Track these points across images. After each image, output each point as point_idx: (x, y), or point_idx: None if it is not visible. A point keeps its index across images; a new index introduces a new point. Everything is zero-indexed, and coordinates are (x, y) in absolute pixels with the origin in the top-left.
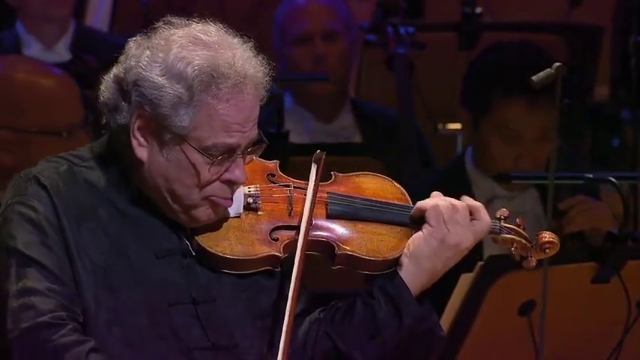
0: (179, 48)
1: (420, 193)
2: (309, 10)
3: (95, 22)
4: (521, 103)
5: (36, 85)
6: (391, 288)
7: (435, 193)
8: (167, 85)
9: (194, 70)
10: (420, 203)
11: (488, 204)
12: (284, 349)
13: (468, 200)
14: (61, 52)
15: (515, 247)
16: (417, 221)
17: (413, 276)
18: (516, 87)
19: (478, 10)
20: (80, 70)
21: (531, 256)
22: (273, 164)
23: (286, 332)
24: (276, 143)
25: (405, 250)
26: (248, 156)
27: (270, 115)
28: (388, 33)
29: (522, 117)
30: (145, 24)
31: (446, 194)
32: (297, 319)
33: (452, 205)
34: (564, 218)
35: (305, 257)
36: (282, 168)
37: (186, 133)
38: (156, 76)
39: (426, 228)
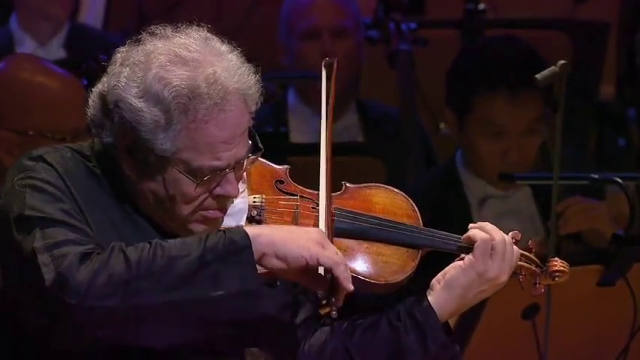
0: (158, 68)
1: (412, 196)
2: (317, 5)
3: (89, 19)
4: (503, 97)
5: (41, 86)
6: (419, 313)
7: (483, 224)
8: (145, 109)
9: (171, 93)
10: (472, 233)
11: (482, 205)
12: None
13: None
14: (54, 49)
15: (524, 275)
16: (463, 249)
17: (443, 303)
18: (497, 82)
19: (481, 6)
20: (92, 68)
21: (539, 283)
22: (283, 170)
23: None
24: (274, 143)
25: (439, 276)
26: (248, 162)
27: (269, 113)
28: (390, 29)
29: (506, 111)
30: (140, 21)
31: (438, 197)
32: (306, 322)
33: (503, 240)
34: (560, 219)
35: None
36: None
37: (169, 155)
38: (133, 99)
39: (468, 258)
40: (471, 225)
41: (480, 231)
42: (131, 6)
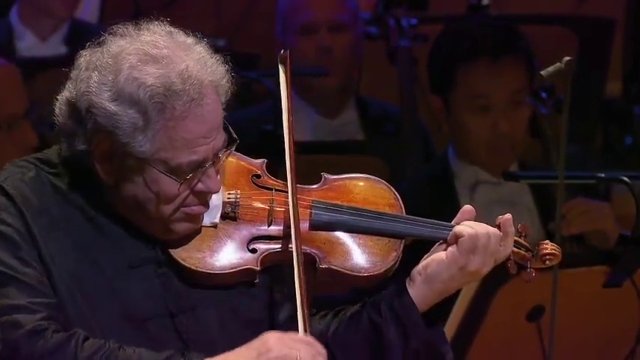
0: (130, 69)
1: (406, 193)
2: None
3: (84, 14)
4: (483, 66)
5: None
6: (400, 307)
7: (468, 222)
8: (120, 113)
9: (146, 93)
10: (459, 229)
11: (473, 192)
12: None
13: (505, 226)
14: (55, 45)
15: (512, 260)
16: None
17: (424, 296)
18: (476, 51)
19: (484, 1)
20: None
21: (530, 268)
22: (259, 163)
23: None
24: (273, 142)
25: (420, 269)
26: (225, 154)
27: (267, 111)
28: (390, 25)
29: (487, 80)
30: (135, 16)
31: (430, 192)
32: (287, 321)
33: (488, 234)
34: (563, 220)
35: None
36: (279, 167)
37: (148, 156)
38: (107, 103)
39: (451, 253)
40: (455, 225)
41: (466, 227)
42: (127, 1)
